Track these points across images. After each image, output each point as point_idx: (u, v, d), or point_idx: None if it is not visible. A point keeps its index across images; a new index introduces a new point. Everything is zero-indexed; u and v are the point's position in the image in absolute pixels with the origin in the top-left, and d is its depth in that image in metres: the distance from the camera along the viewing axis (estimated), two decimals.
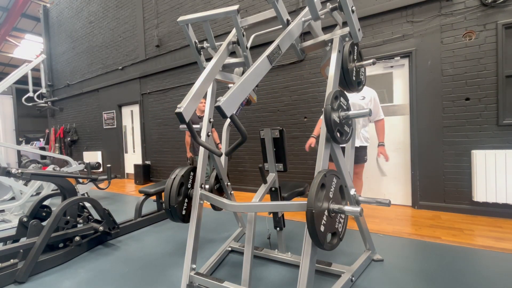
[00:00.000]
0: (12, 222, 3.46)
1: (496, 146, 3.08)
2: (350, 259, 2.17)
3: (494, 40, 3.07)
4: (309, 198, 1.25)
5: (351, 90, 1.87)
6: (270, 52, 1.44)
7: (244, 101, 2.39)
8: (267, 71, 1.46)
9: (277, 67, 4.57)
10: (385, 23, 3.69)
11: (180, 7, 5.86)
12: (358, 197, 1.85)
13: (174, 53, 6.07)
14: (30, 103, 6.30)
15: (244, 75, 1.33)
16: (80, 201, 2.58)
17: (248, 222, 1.75)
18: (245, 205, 1.70)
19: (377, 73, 3.87)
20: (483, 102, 3.16)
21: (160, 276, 2.08)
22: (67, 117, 9.17)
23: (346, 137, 1.63)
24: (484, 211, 3.14)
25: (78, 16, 8.41)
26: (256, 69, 1.38)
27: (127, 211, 4.05)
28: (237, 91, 1.26)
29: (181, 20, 1.88)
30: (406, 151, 3.70)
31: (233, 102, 1.24)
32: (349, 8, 1.61)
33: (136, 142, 7.24)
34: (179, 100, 5.92)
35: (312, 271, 1.39)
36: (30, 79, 5.24)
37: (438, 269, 2.00)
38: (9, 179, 3.71)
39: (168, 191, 1.82)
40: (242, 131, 1.36)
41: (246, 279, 1.63)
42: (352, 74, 1.78)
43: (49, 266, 2.25)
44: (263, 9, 4.65)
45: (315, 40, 1.91)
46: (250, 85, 1.35)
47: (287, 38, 1.58)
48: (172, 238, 2.89)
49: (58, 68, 9.38)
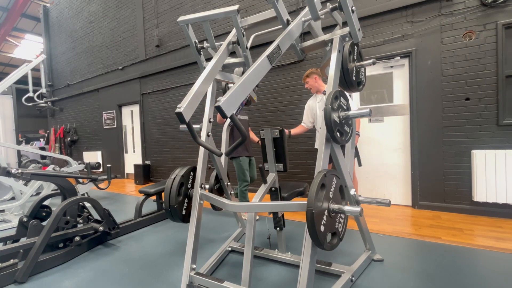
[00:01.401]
0: (12, 222, 3.47)
1: (496, 146, 3.08)
2: (350, 259, 2.17)
3: (494, 40, 3.07)
4: (309, 198, 1.25)
5: (351, 90, 1.87)
6: (270, 52, 1.44)
7: (244, 101, 2.39)
8: (267, 71, 1.46)
9: (277, 67, 4.57)
10: (385, 23, 3.69)
11: (180, 7, 5.86)
12: (358, 197, 1.85)
13: (174, 53, 6.07)
14: (30, 103, 6.31)
15: (244, 75, 1.32)
16: (80, 201, 2.58)
17: (248, 222, 1.75)
18: (245, 205, 1.70)
19: (377, 73, 3.87)
20: (483, 102, 3.16)
21: (160, 276, 2.08)
22: (67, 117, 9.17)
23: (346, 137, 1.63)
24: (484, 211, 3.14)
25: (78, 16, 8.41)
26: (256, 69, 1.38)
27: (127, 211, 4.05)
28: (237, 91, 1.26)
29: (181, 20, 1.88)
30: (406, 151, 3.70)
31: (233, 102, 1.24)
32: (349, 8, 1.61)
33: (136, 142, 7.24)
34: (179, 100, 5.92)
35: (312, 271, 1.38)
36: (30, 79, 5.24)
37: (438, 269, 2.00)
38: (9, 179, 3.71)
39: (168, 191, 1.82)
40: (242, 131, 1.36)
41: (246, 279, 1.63)
42: (352, 74, 1.78)
43: (49, 266, 2.25)
44: (263, 9, 4.65)
45: (315, 40, 1.91)
46: (250, 85, 1.35)
47: (287, 38, 1.58)
48: (172, 238, 2.89)
49: (58, 68, 9.38)
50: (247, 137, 1.43)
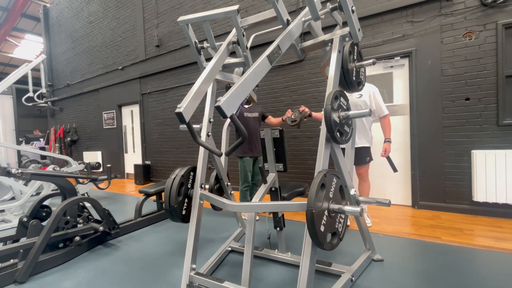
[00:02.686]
0: (12, 222, 3.46)
1: (496, 146, 3.08)
2: (350, 259, 2.17)
3: (494, 40, 3.07)
4: (309, 198, 1.25)
5: (351, 90, 1.87)
6: (270, 52, 1.44)
7: (244, 101, 2.39)
8: (267, 71, 1.46)
9: (277, 67, 4.57)
10: (385, 23, 3.69)
11: (180, 7, 5.86)
12: (358, 197, 1.85)
13: (174, 53, 6.07)
14: (30, 103, 6.30)
15: (244, 75, 1.32)
16: (80, 201, 2.58)
17: (248, 222, 1.75)
18: (245, 205, 1.70)
19: (377, 73, 3.87)
20: (483, 102, 3.16)
21: (160, 276, 2.08)
22: (67, 117, 9.17)
23: (346, 137, 1.62)
24: (484, 211, 3.14)
25: (78, 16, 8.41)
26: (256, 69, 1.37)
27: (127, 211, 4.05)
28: (237, 91, 1.26)
29: (181, 20, 1.88)
30: (406, 151, 3.70)
31: (233, 102, 1.24)
32: (349, 8, 1.61)
33: (136, 142, 7.24)
34: (179, 100, 5.92)
35: (312, 271, 1.38)
36: (30, 79, 5.24)
37: (438, 269, 2.00)
38: (9, 179, 3.71)
39: (168, 191, 1.82)
40: (242, 131, 1.36)
41: (246, 279, 1.63)
42: (352, 74, 1.78)
43: (49, 266, 2.25)
44: (263, 9, 4.65)
45: (315, 40, 1.91)
46: (250, 85, 1.34)
47: (287, 38, 1.58)
48: (172, 238, 2.89)
49: (58, 68, 9.38)
50: (246, 138, 1.42)
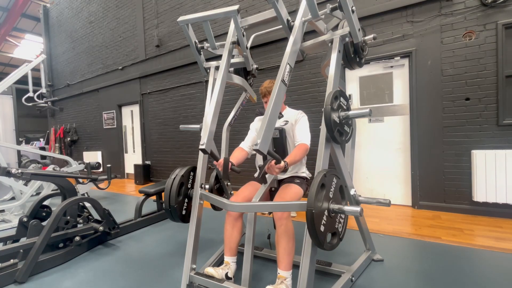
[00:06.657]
0: (12, 222, 3.46)
1: (496, 146, 3.08)
2: (350, 259, 2.17)
3: (494, 40, 3.07)
4: (309, 198, 1.25)
5: (352, 67, 1.91)
6: (283, 74, 1.49)
7: (244, 101, 2.40)
8: (285, 92, 1.54)
9: (277, 67, 4.56)
10: (385, 23, 3.69)
11: (180, 7, 5.86)
12: (358, 197, 1.85)
13: (174, 53, 6.07)
14: (30, 103, 6.31)
15: (267, 111, 1.40)
16: (80, 201, 2.58)
17: (248, 222, 1.75)
18: (245, 205, 1.70)
19: (377, 73, 3.87)
20: (483, 102, 3.16)
21: (160, 276, 2.08)
22: (67, 117, 9.17)
23: (346, 137, 1.62)
24: (484, 211, 3.14)
25: (78, 16, 8.41)
26: (276, 99, 1.44)
27: (127, 211, 4.05)
28: (267, 130, 1.37)
29: (181, 20, 1.88)
30: (406, 151, 3.70)
31: (267, 141, 1.37)
32: (349, 8, 1.61)
33: (136, 142, 7.24)
34: (179, 100, 5.92)
35: (312, 271, 1.38)
36: (30, 79, 5.24)
37: (438, 269, 2.00)
38: (9, 179, 3.71)
39: (168, 191, 1.82)
40: (276, 158, 1.48)
41: (246, 279, 1.63)
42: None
43: (49, 266, 2.25)
44: (263, 9, 4.65)
45: (315, 40, 1.90)
46: (275, 117, 1.43)
47: (294, 52, 1.61)
48: (172, 238, 2.89)
49: (58, 68, 9.38)
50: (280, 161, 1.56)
